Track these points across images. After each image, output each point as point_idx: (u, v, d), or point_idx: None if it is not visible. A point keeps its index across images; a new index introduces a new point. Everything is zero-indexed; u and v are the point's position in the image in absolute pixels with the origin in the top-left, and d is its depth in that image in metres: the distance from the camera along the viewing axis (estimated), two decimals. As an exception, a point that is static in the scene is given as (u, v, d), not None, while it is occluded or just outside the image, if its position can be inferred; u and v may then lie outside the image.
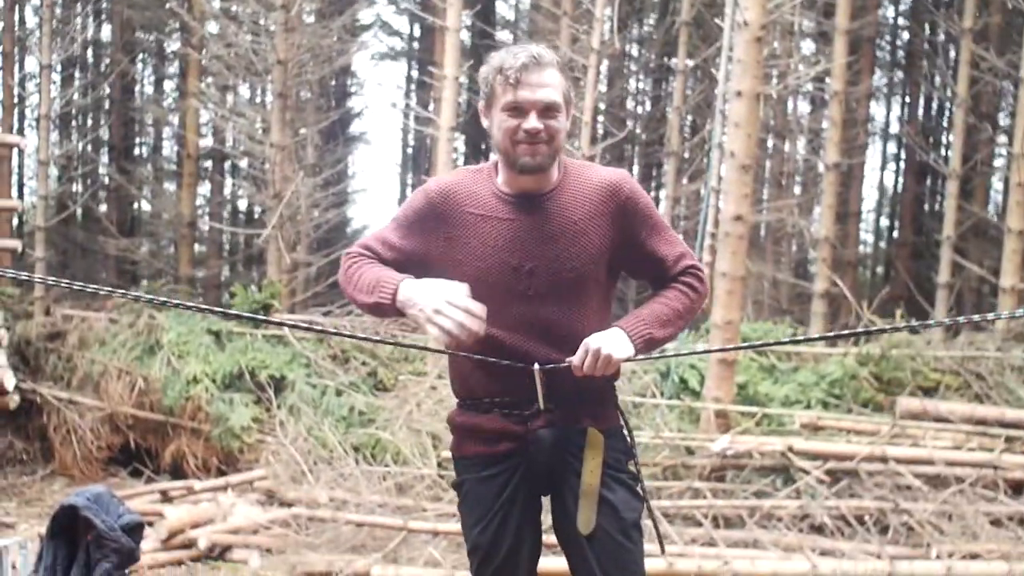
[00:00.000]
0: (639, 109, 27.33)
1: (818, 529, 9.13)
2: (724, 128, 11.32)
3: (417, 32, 29.87)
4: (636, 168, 27.32)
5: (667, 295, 3.36)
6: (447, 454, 11.11)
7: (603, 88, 23.45)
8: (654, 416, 11.28)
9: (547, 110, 3.14)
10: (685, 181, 21.67)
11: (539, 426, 3.29)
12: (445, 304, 3.00)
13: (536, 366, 3.21)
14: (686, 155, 22.05)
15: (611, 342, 3.17)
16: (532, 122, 3.14)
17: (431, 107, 18.07)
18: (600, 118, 22.59)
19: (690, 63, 19.52)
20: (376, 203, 58.77)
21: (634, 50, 26.24)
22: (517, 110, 3.15)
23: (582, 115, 16.79)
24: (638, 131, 25.82)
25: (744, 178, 10.87)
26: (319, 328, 12.40)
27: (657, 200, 27.81)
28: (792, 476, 9.78)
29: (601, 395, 3.41)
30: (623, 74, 25.18)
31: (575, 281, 3.25)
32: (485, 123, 3.31)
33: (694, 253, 3.47)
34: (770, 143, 21.52)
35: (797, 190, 22.81)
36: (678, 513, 9.42)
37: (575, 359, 3.17)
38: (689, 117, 23.38)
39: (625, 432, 3.48)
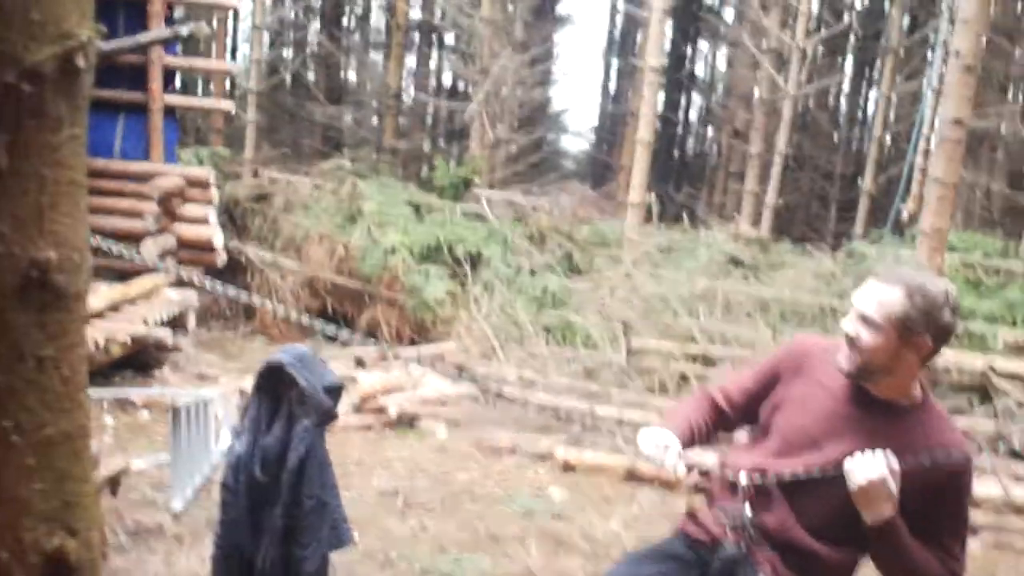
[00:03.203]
0: (857, 3, 26.34)
1: (1015, 454, 8.79)
2: (950, 25, 10.76)
3: (632, -89, 29.21)
4: (850, 63, 26.43)
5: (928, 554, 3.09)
6: (637, 342, 11.15)
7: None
8: (850, 321, 11.01)
9: (862, 320, 3.09)
10: (901, 80, 20.89)
11: (733, 539, 3.23)
12: (649, 449, 3.23)
13: (743, 475, 3.21)
14: (902, 53, 21.22)
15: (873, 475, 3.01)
16: (846, 322, 3.14)
17: (643, -11, 17.72)
18: (815, 9, 21.87)
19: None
20: (578, 85, 58.18)
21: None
22: (852, 311, 3.15)
23: (798, 4, 16.28)
24: (855, 25, 24.91)
25: (968, 79, 10.31)
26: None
27: (866, 99, 26.94)
28: (991, 396, 9.43)
29: (801, 565, 3.21)
30: (844, -35, 24.26)
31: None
32: None
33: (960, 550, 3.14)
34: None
35: (1021, 97, 21.73)
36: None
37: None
38: (908, 14, 22.44)
39: None
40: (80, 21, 1.68)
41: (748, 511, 3.19)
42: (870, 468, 2.98)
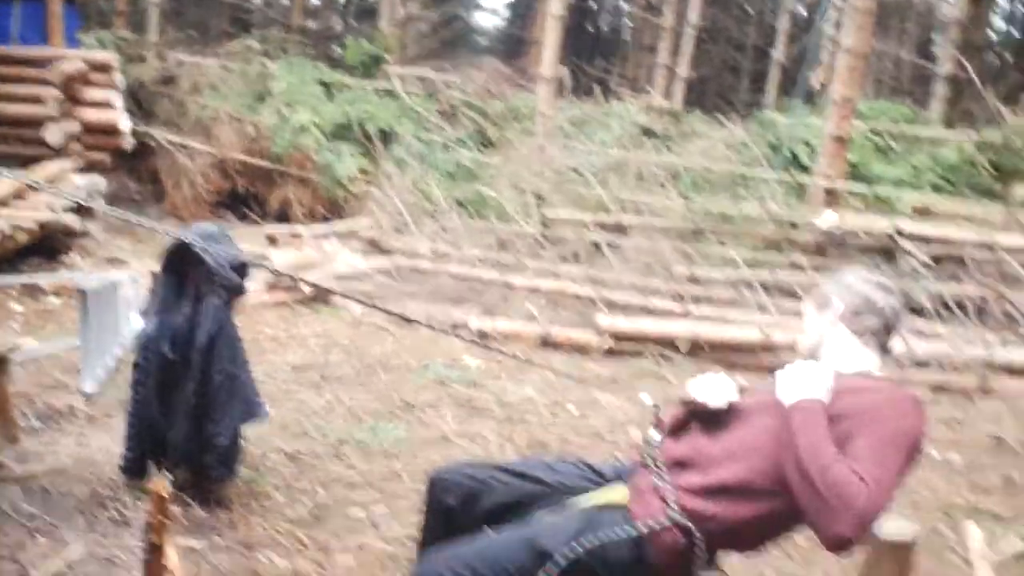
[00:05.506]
0: None
1: (918, 312, 9.02)
2: None
3: None
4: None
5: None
6: (550, 213, 11.20)
7: None
8: (760, 189, 11.16)
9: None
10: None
11: (632, 460, 3.27)
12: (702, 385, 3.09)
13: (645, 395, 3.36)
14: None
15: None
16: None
17: None
18: None
19: None
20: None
21: None
22: None
23: None
24: None
25: (875, -54, 10.40)
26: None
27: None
28: (896, 258, 9.65)
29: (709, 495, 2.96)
30: None
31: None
32: None
33: (877, 481, 2.57)
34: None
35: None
36: (777, 285, 9.43)
37: None
38: None
39: None
40: None
41: (655, 436, 3.15)
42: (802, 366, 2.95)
